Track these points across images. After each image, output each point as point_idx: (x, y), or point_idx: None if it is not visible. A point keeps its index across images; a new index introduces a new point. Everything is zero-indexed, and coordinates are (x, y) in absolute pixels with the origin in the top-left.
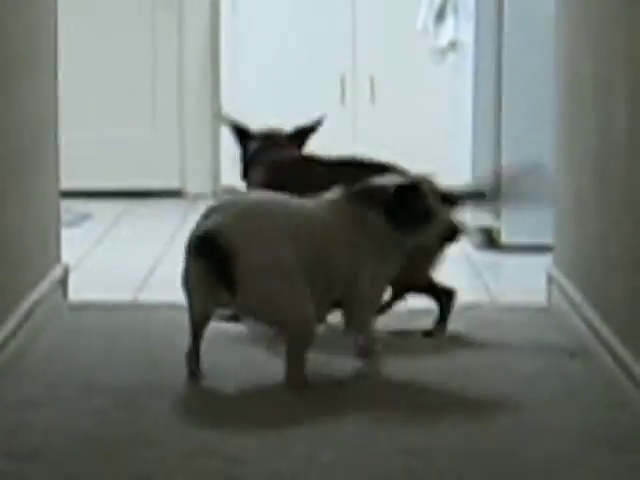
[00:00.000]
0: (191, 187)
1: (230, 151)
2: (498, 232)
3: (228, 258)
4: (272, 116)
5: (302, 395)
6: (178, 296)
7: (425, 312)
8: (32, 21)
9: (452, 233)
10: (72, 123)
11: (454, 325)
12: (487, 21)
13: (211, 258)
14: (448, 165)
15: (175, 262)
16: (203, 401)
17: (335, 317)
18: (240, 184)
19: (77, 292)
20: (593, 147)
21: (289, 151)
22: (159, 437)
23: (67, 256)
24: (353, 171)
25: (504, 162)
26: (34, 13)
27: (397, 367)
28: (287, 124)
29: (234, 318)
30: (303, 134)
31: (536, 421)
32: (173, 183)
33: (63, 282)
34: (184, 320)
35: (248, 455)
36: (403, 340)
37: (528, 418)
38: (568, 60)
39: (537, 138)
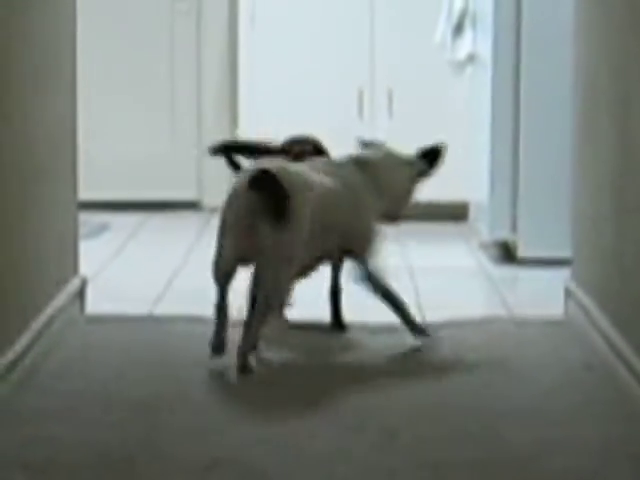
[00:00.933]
0: (208, 199)
1: (247, 164)
2: (515, 246)
3: (285, 196)
4: (290, 130)
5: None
6: (195, 309)
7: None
8: (50, 33)
9: None
10: (90, 134)
11: (472, 338)
12: (505, 34)
13: (271, 193)
14: (466, 177)
15: (192, 274)
16: (220, 413)
17: None
18: None
19: (94, 304)
20: (611, 161)
21: None
22: (176, 450)
23: (84, 268)
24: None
25: (522, 174)
26: (53, 26)
27: (416, 382)
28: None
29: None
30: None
31: (553, 434)
32: (190, 195)
33: (81, 294)
34: (201, 333)
35: (267, 467)
36: (416, 355)
37: (545, 431)
38: (586, 73)
39: (555, 150)
